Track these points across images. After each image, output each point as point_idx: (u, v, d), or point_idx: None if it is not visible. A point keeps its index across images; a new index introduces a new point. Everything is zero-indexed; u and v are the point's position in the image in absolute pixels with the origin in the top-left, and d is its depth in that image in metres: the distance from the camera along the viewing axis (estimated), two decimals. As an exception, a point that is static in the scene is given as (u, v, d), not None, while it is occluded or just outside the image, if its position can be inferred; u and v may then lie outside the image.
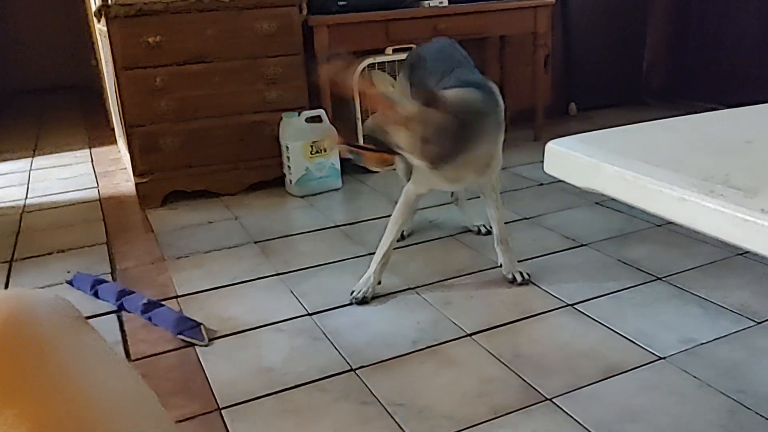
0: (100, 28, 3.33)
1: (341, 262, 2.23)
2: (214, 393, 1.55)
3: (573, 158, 0.85)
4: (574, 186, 0.88)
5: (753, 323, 1.70)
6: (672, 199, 0.70)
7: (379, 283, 1.98)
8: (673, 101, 4.44)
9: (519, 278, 2.01)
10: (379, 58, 3.14)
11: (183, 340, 1.78)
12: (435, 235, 2.41)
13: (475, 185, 2.03)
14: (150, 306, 1.92)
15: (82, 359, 0.41)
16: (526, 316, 1.81)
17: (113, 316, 1.95)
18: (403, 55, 3.16)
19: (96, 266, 2.32)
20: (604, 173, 0.80)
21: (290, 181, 2.98)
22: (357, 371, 1.59)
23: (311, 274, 2.16)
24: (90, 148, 4.33)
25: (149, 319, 1.89)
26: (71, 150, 4.29)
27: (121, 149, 3.91)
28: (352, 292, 1.96)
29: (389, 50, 3.16)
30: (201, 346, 1.75)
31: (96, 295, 2.07)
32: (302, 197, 2.95)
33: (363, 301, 1.94)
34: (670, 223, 0.73)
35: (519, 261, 2.11)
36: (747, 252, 2.00)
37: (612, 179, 0.78)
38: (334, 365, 1.62)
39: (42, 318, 0.41)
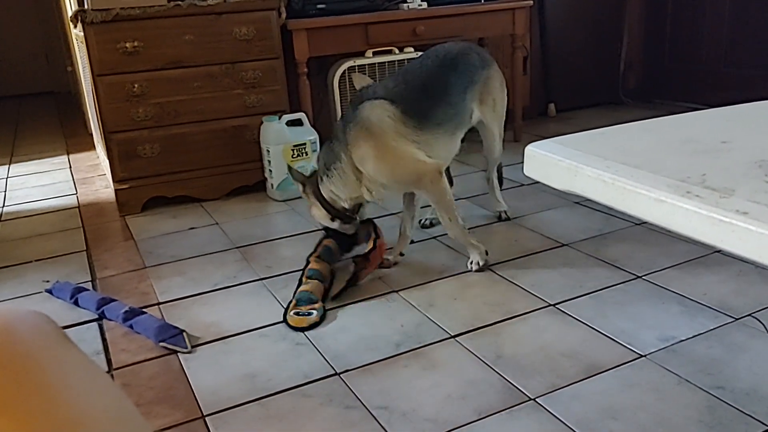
0: (76, 33, 3.30)
1: (324, 266, 2.23)
2: (198, 400, 1.54)
3: (552, 161, 0.86)
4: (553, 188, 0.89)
5: (731, 319, 1.72)
6: (649, 201, 0.71)
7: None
8: (650, 100, 4.50)
9: (482, 266, 2.15)
10: (359, 61, 3.14)
11: (165, 348, 1.76)
12: (416, 237, 2.41)
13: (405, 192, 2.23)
14: (131, 314, 1.90)
15: (64, 374, 0.41)
16: (509, 316, 1.82)
17: (94, 325, 1.93)
18: (383, 58, 3.17)
19: (75, 275, 2.29)
20: (582, 176, 0.81)
21: (272, 185, 2.98)
22: (341, 375, 1.59)
23: (294, 278, 2.14)
24: (68, 154, 4.28)
25: (131, 327, 1.87)
26: (49, 156, 4.25)
27: (99, 155, 3.87)
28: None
29: (369, 53, 3.17)
30: (184, 353, 1.74)
31: (76, 303, 2.05)
32: (284, 201, 2.95)
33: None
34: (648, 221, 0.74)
35: (502, 262, 2.15)
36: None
37: (590, 181, 0.79)
38: (317, 370, 1.62)
39: (22, 333, 0.41)
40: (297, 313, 1.87)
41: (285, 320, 1.87)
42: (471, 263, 2.14)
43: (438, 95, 2.13)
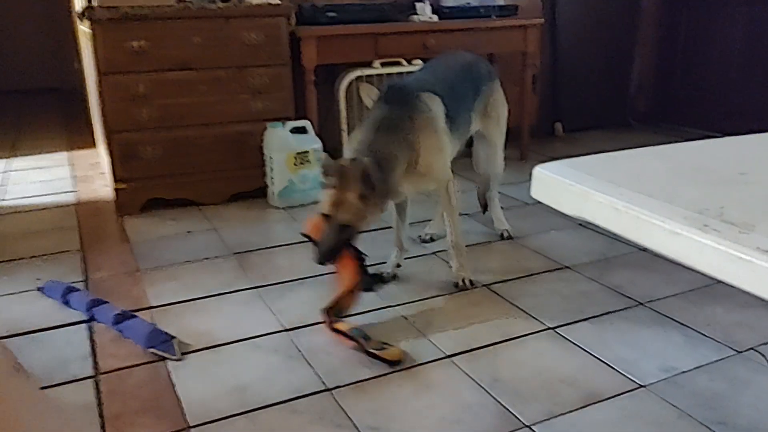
0: (83, 30, 3.28)
1: (321, 277, 2.19)
2: (184, 411, 1.50)
3: (561, 184, 0.83)
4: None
5: (734, 353, 1.68)
6: (664, 233, 0.67)
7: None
8: (659, 125, 4.47)
9: (461, 284, 2.08)
10: (367, 71, 3.12)
11: (154, 354, 1.72)
12: (416, 252, 2.38)
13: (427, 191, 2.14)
14: (122, 317, 1.86)
15: (22, 407, 0.37)
16: (507, 338, 1.78)
17: (83, 327, 1.89)
18: (391, 69, 3.14)
19: (68, 275, 2.25)
20: (593, 202, 0.77)
21: (273, 192, 2.94)
22: (333, 392, 1.55)
23: (289, 288, 2.11)
24: (70, 151, 4.25)
25: (120, 331, 1.83)
26: (50, 153, 4.22)
27: (101, 153, 3.84)
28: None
29: (377, 63, 3.14)
30: (173, 361, 1.70)
31: (67, 304, 2.01)
32: (284, 209, 2.91)
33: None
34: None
35: (502, 281, 2.11)
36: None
37: (602, 208, 0.76)
38: (309, 385, 1.58)
39: None
40: (380, 349, 1.69)
41: (378, 358, 1.66)
42: (456, 279, 2.11)
43: (461, 101, 2.14)
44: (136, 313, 1.92)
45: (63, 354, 1.75)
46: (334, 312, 1.80)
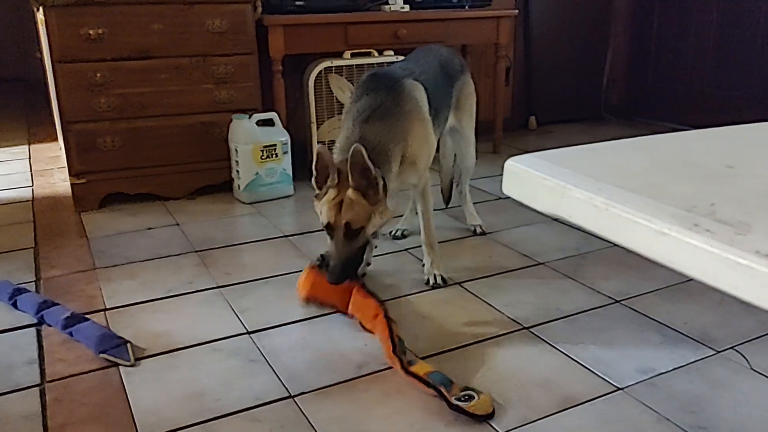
0: (40, 17, 3.13)
1: (287, 276, 2.10)
2: (135, 421, 1.40)
3: (535, 179, 0.75)
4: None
5: (713, 352, 1.62)
6: (650, 233, 0.60)
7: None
8: (631, 118, 4.44)
9: (433, 281, 2.02)
10: (337, 62, 3.02)
11: (106, 360, 1.62)
12: (387, 249, 2.30)
13: (411, 185, 2.02)
14: (73, 320, 1.76)
15: None
16: (480, 339, 1.71)
17: (31, 331, 1.78)
18: (361, 60, 3.05)
19: (19, 273, 2.13)
20: (570, 198, 0.69)
21: (238, 186, 2.84)
22: (295, 399, 1.46)
23: (254, 287, 2.02)
24: (29, 144, 4.09)
25: (71, 334, 1.73)
26: (8, 146, 4.05)
27: (61, 147, 3.70)
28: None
29: (347, 54, 3.04)
30: (126, 366, 1.60)
31: (15, 305, 1.90)
32: (251, 204, 2.81)
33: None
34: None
35: (475, 279, 2.04)
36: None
37: (580, 205, 0.68)
38: (271, 391, 1.49)
39: None
40: (466, 399, 1.41)
41: (466, 413, 1.38)
42: (428, 275, 2.04)
43: (441, 94, 2.09)
44: (88, 315, 1.82)
45: (8, 360, 1.64)
46: (401, 348, 1.57)
